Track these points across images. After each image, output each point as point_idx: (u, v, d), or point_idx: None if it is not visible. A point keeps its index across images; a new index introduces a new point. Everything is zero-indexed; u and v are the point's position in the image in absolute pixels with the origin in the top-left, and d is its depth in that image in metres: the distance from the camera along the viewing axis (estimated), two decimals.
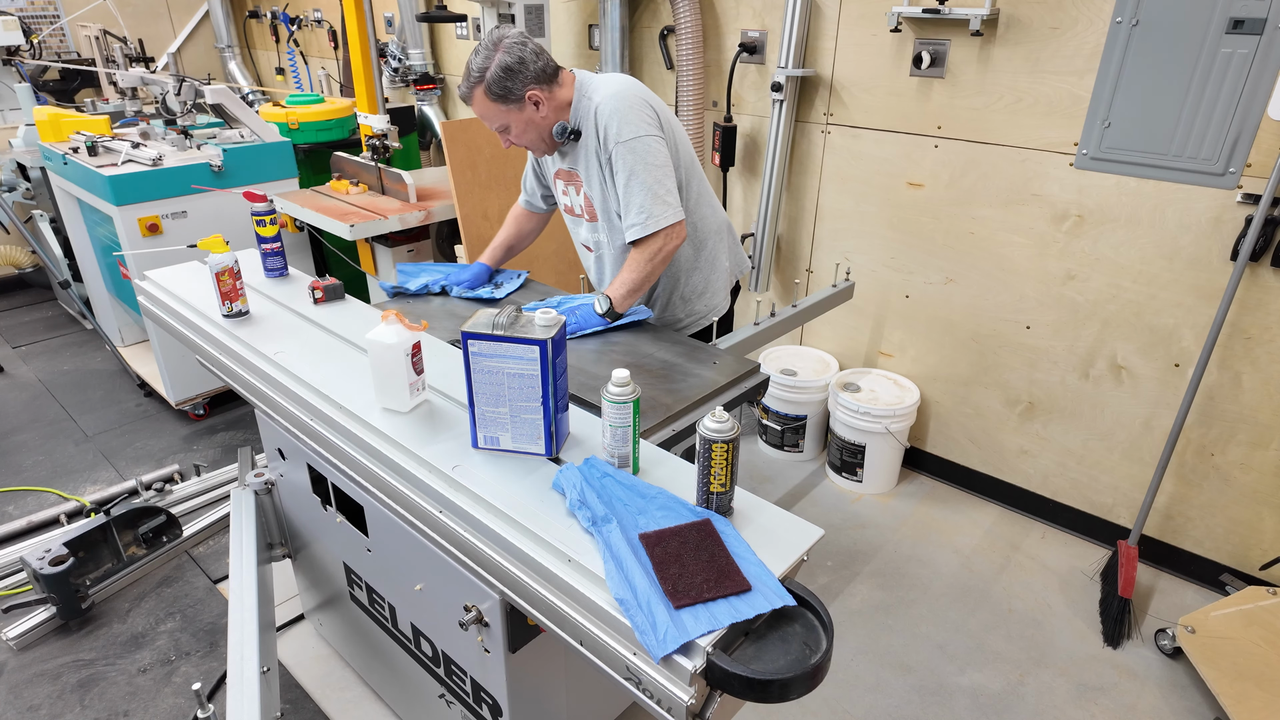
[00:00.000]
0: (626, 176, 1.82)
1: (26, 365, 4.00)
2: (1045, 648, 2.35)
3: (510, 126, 1.85)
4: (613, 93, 1.82)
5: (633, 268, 1.90)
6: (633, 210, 1.84)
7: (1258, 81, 2.07)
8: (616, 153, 1.81)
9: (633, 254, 1.90)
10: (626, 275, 1.91)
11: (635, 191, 1.82)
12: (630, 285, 1.90)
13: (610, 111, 1.80)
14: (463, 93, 1.81)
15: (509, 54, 1.74)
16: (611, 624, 1.05)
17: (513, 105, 1.80)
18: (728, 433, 1.13)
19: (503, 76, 1.75)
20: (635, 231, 1.85)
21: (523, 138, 1.88)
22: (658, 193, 1.82)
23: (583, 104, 1.86)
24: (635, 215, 1.84)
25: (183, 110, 3.70)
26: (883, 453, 2.98)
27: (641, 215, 1.83)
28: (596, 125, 1.83)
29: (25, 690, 2.17)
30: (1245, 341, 2.29)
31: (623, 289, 1.91)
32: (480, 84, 1.77)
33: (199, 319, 1.87)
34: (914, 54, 2.63)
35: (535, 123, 1.85)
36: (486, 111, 1.82)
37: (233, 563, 1.77)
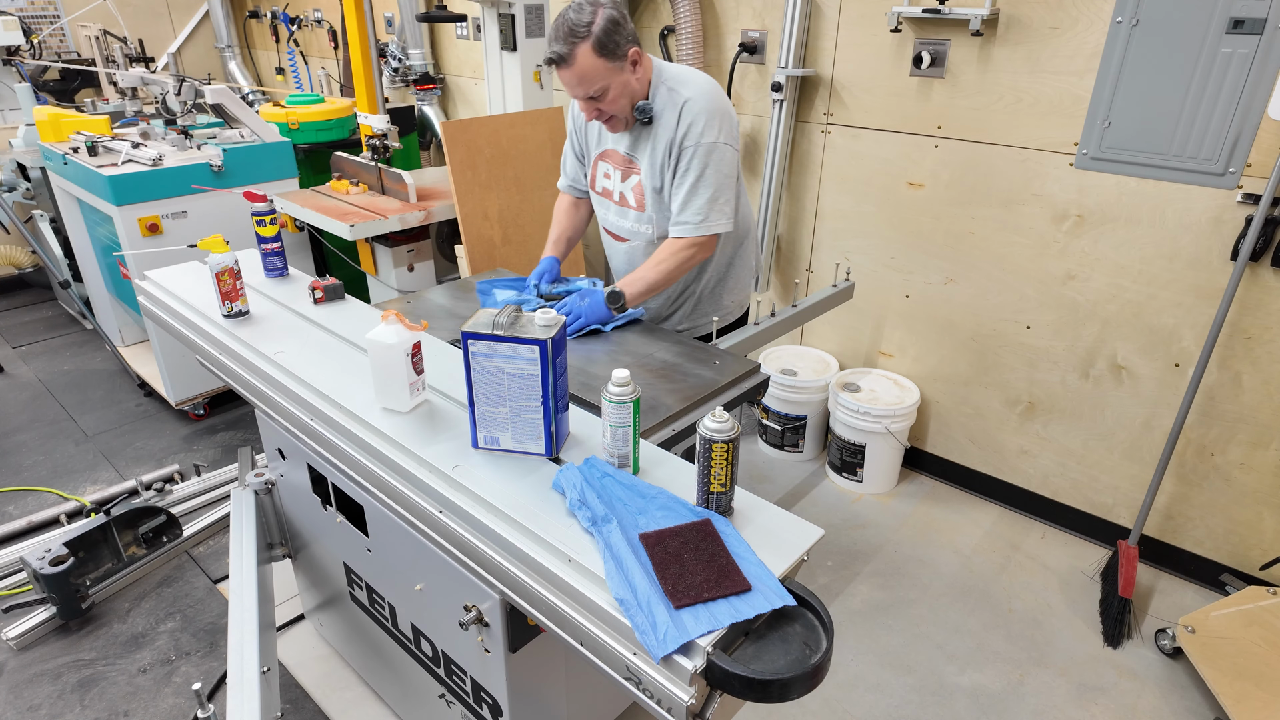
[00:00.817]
0: (696, 176, 1.82)
1: (26, 365, 4.00)
2: (1045, 648, 2.35)
3: (609, 90, 1.77)
4: (705, 91, 1.82)
5: (657, 268, 1.88)
6: (690, 209, 1.84)
7: (1258, 81, 2.07)
8: (696, 150, 1.80)
9: (663, 254, 1.89)
10: (648, 274, 1.89)
11: (700, 193, 1.83)
12: (649, 284, 1.89)
13: (702, 109, 1.79)
14: (560, 52, 1.71)
15: (610, 8, 1.69)
16: (611, 624, 1.05)
17: (616, 63, 1.74)
18: (728, 433, 1.13)
19: (611, 29, 1.69)
20: (685, 230, 1.85)
21: (615, 105, 1.80)
22: (718, 202, 1.84)
23: (661, 91, 1.84)
24: (690, 215, 1.84)
25: (183, 110, 3.71)
26: (883, 453, 2.98)
27: (696, 217, 1.84)
28: (681, 117, 1.81)
29: (25, 690, 2.17)
30: (1245, 341, 2.29)
31: (640, 285, 1.88)
32: (587, 38, 1.68)
33: (199, 319, 1.87)
34: (914, 54, 2.63)
35: (630, 87, 1.80)
36: (589, 70, 1.72)
37: (233, 563, 1.77)
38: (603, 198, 2.09)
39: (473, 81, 4.41)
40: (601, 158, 2.03)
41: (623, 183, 2.00)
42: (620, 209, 2.05)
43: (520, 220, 3.25)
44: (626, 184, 2.00)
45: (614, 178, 2.02)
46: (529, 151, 3.25)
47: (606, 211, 2.10)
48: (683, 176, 1.84)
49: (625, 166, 1.98)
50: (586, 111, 1.84)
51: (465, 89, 4.50)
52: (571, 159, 2.15)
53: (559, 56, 1.72)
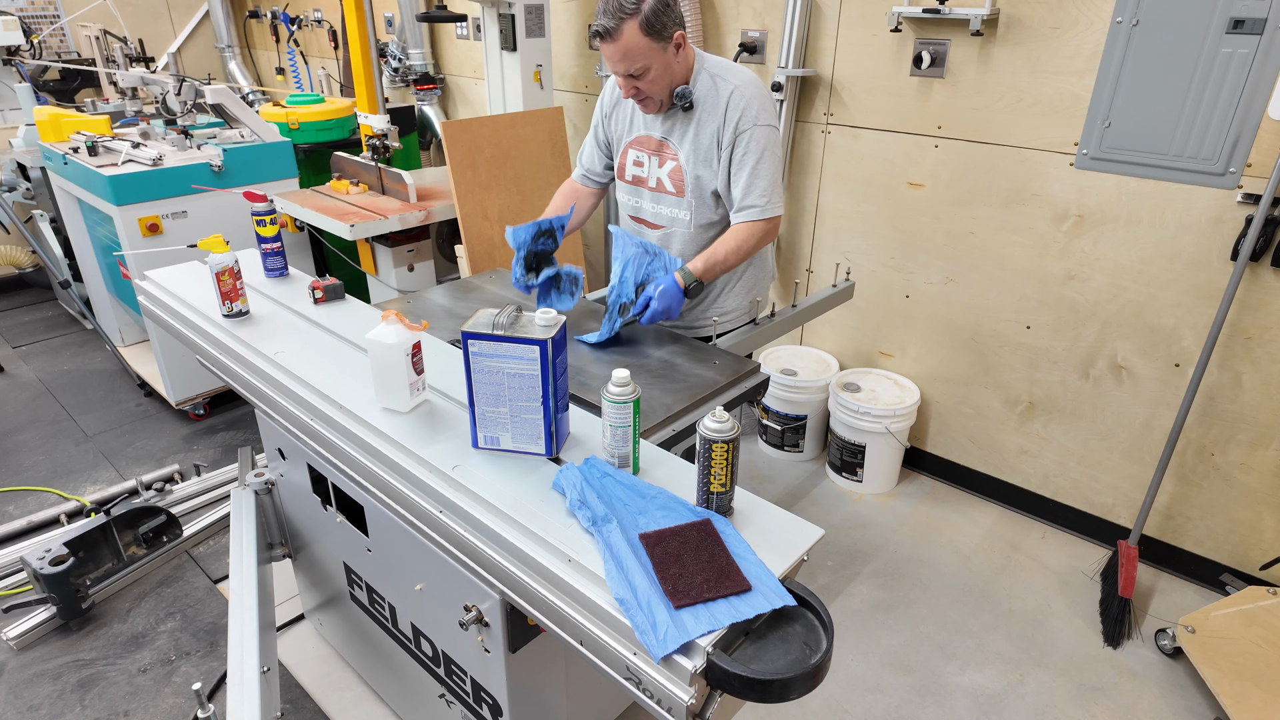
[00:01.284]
0: (756, 159, 1.84)
1: (27, 365, 4.00)
2: (1045, 648, 2.35)
3: (651, 69, 1.76)
4: (752, 79, 1.86)
5: (728, 249, 1.88)
6: (755, 192, 1.86)
7: (1258, 81, 2.07)
8: (754, 134, 1.83)
9: (733, 235, 1.89)
10: (720, 252, 1.88)
11: (762, 175, 1.85)
12: (720, 263, 1.89)
13: (753, 95, 1.83)
14: (606, 26, 1.70)
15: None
16: (612, 624, 1.05)
17: (661, 44, 1.73)
18: (728, 433, 1.13)
19: (660, 9, 1.70)
20: (753, 214, 1.88)
21: (654, 85, 1.80)
22: (777, 185, 1.89)
23: (703, 78, 1.85)
24: (757, 198, 1.87)
25: (183, 110, 3.71)
26: (883, 453, 2.98)
27: (763, 199, 1.87)
28: (730, 104, 1.82)
29: (25, 690, 2.17)
30: (1245, 341, 2.29)
31: (710, 261, 1.88)
32: (636, 15, 1.68)
33: (199, 319, 1.87)
34: (914, 54, 2.63)
35: (671, 70, 1.80)
36: (634, 47, 1.72)
37: (233, 562, 1.77)
38: (635, 186, 2.07)
39: (473, 81, 4.41)
40: (632, 145, 2.01)
41: (659, 168, 1.99)
42: (656, 195, 2.03)
43: (520, 220, 3.25)
44: (663, 170, 1.98)
45: (647, 164, 2.01)
46: (529, 151, 3.25)
47: (639, 200, 2.08)
48: (742, 161, 1.85)
49: (659, 151, 1.97)
50: (624, 88, 1.83)
51: (465, 89, 4.50)
52: (591, 149, 2.12)
53: (605, 30, 1.71)
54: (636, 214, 2.12)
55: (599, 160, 2.13)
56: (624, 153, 2.04)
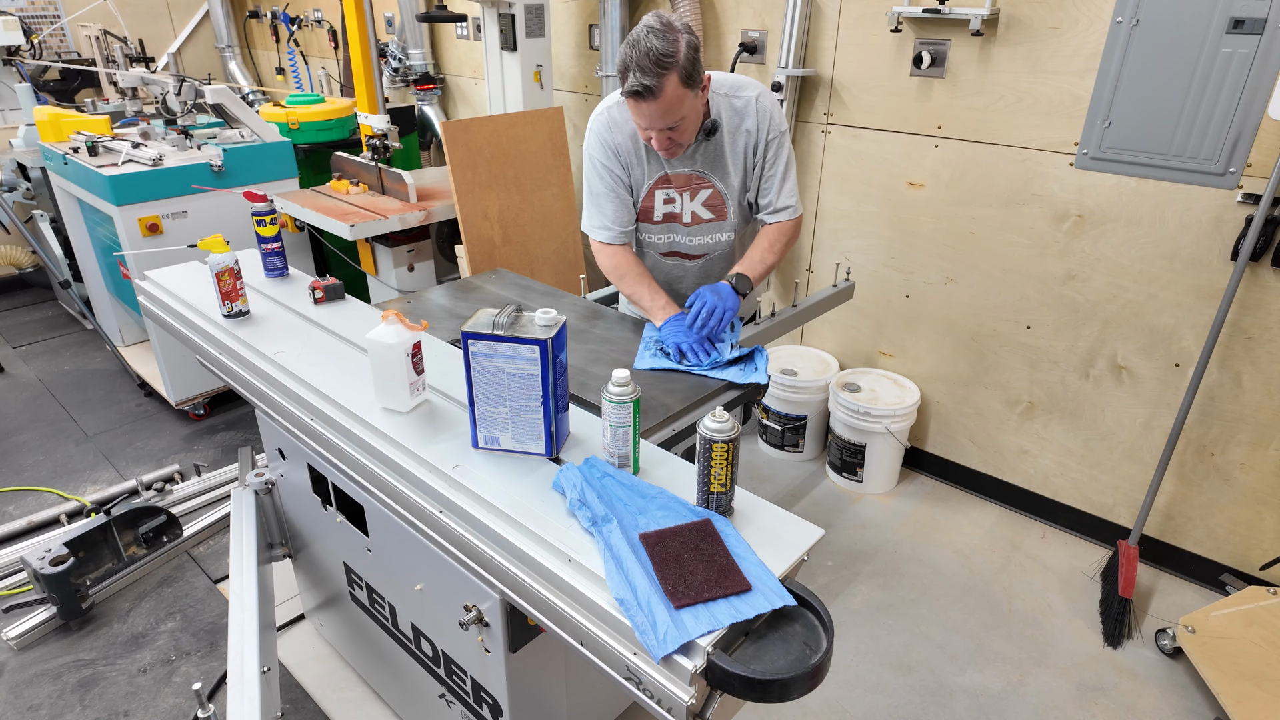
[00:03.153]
0: (785, 163, 1.92)
1: (27, 365, 4.00)
2: (1045, 648, 2.35)
3: (687, 118, 1.71)
4: (762, 87, 1.90)
5: (773, 249, 1.93)
6: (785, 194, 1.94)
7: (1258, 81, 2.07)
8: (781, 140, 1.89)
9: (773, 239, 1.94)
10: (768, 255, 1.92)
11: (790, 178, 1.94)
12: (768, 266, 1.93)
13: (772, 102, 1.88)
14: (647, 84, 1.59)
15: (690, 34, 1.63)
16: (612, 624, 1.05)
17: (694, 90, 1.68)
18: (728, 433, 1.13)
19: (694, 57, 1.64)
20: (789, 214, 1.95)
21: (688, 132, 1.76)
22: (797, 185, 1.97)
23: (716, 100, 1.85)
24: (789, 198, 1.94)
25: (183, 110, 3.70)
26: (883, 453, 2.98)
27: (793, 199, 1.96)
28: (758, 114, 1.86)
29: (26, 690, 2.17)
30: (1245, 341, 2.29)
31: (761, 267, 1.92)
32: (675, 68, 1.59)
33: (199, 319, 1.87)
34: (914, 54, 2.63)
35: (699, 113, 1.77)
36: (676, 100, 1.64)
37: (233, 563, 1.77)
38: (667, 224, 2.01)
39: (473, 81, 4.41)
40: (658, 186, 1.94)
41: (692, 201, 1.96)
42: (692, 228, 2.00)
43: (520, 220, 3.25)
44: (696, 201, 1.96)
45: (679, 200, 1.96)
46: (529, 151, 3.25)
47: (673, 235, 2.03)
48: (773, 165, 1.91)
49: (689, 185, 1.94)
50: (659, 141, 1.75)
51: (465, 89, 4.50)
52: (616, 207, 1.93)
53: (646, 89, 1.60)
54: (671, 249, 2.07)
55: (627, 216, 1.97)
56: (649, 195, 1.96)
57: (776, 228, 1.96)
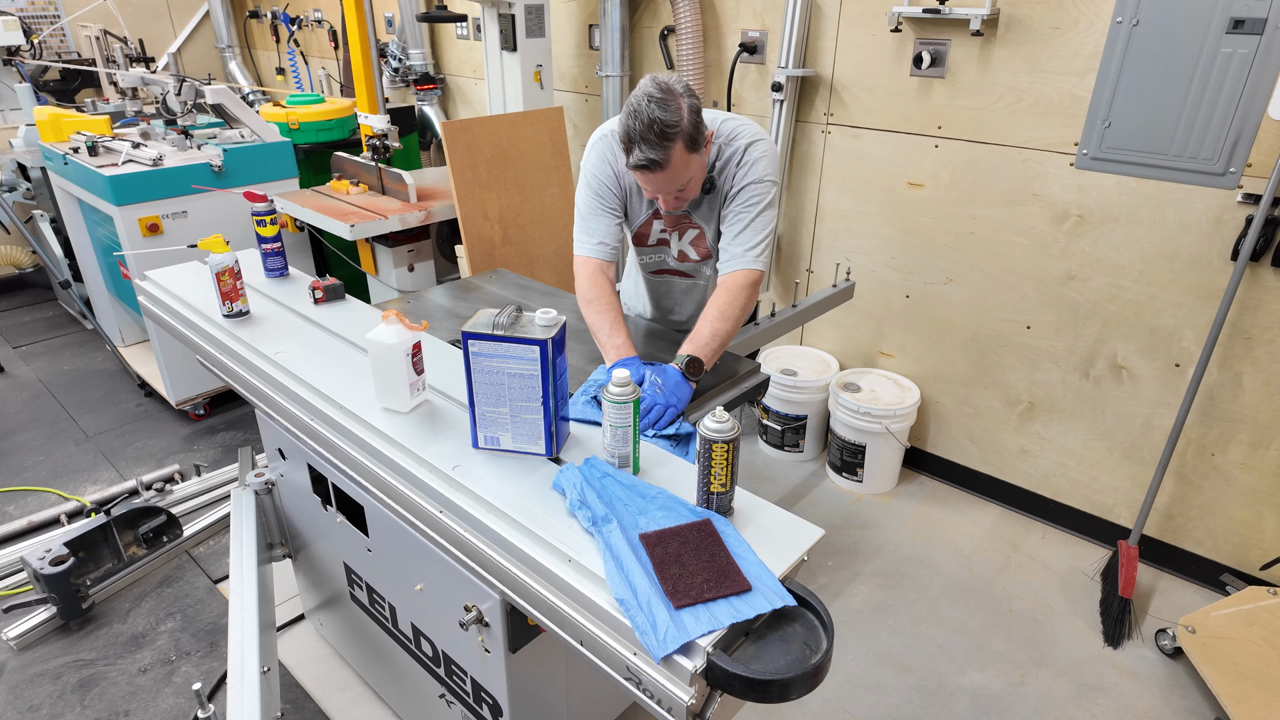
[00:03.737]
0: (758, 213, 1.76)
1: (27, 365, 4.00)
2: (1045, 648, 2.35)
3: (694, 177, 1.68)
4: (760, 133, 1.78)
5: (724, 317, 1.71)
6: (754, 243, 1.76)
7: (1258, 81, 2.07)
8: (760, 187, 1.75)
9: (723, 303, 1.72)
10: (719, 326, 1.69)
11: (762, 229, 1.76)
12: (722, 338, 1.70)
13: (765, 151, 1.76)
14: (654, 158, 1.56)
15: (690, 97, 1.58)
16: (612, 624, 1.05)
17: (699, 152, 1.64)
18: (728, 433, 1.13)
19: (697, 121, 1.59)
20: (747, 263, 1.75)
21: (694, 190, 1.72)
22: (769, 240, 1.79)
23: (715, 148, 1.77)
24: (756, 248, 1.76)
25: (183, 110, 3.71)
26: (883, 453, 2.98)
27: (759, 249, 1.76)
28: (746, 156, 1.75)
29: (26, 690, 2.17)
30: (1245, 341, 2.29)
31: (715, 343, 1.69)
32: (680, 136, 1.55)
33: (199, 319, 1.87)
34: (914, 54, 2.63)
35: (704, 168, 1.72)
36: (681, 166, 1.61)
37: (233, 563, 1.77)
38: (659, 247, 1.99)
39: (473, 81, 4.41)
40: (655, 216, 1.93)
41: (680, 240, 1.94)
42: (681, 262, 1.99)
43: (520, 220, 3.25)
44: (684, 240, 1.94)
45: (670, 235, 1.95)
46: (529, 152, 3.25)
47: (664, 257, 2.02)
48: (744, 210, 1.76)
49: (679, 225, 1.92)
50: (666, 202, 1.72)
51: (465, 89, 4.50)
52: (607, 223, 1.87)
53: (653, 162, 1.56)
54: (660, 268, 2.06)
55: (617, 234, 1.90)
56: (647, 223, 1.94)
57: (725, 287, 1.75)
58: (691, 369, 1.63)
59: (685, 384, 1.61)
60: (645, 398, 1.55)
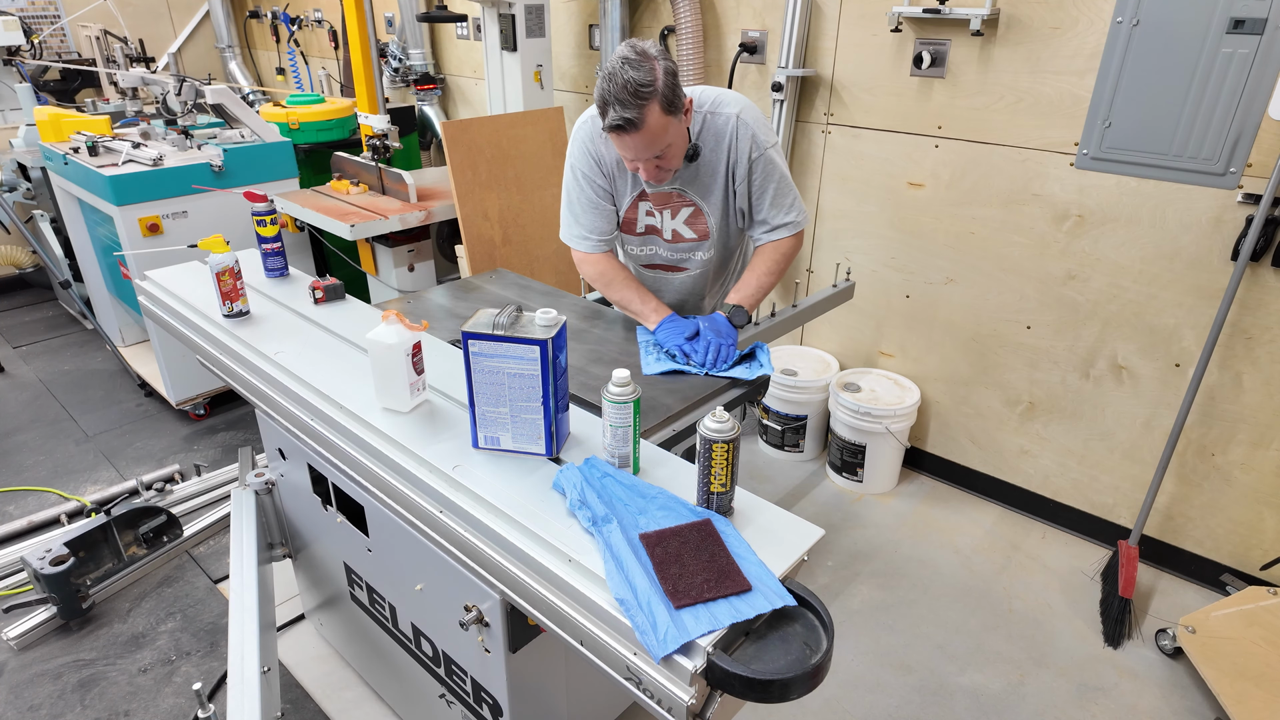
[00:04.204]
0: (779, 178, 1.85)
1: (27, 365, 4.00)
2: (1045, 648, 2.35)
3: (673, 144, 1.67)
4: (748, 104, 1.82)
5: (770, 271, 1.90)
6: (783, 210, 1.87)
7: (1258, 81, 2.07)
8: (767, 156, 1.82)
9: (769, 257, 1.89)
10: (765, 279, 1.89)
11: (787, 192, 1.87)
12: (765, 289, 1.89)
13: (755, 119, 1.80)
14: (629, 117, 1.55)
15: (666, 60, 1.59)
16: (612, 624, 1.05)
17: (677, 116, 1.63)
18: (728, 433, 1.13)
19: (674, 83, 1.59)
20: (789, 230, 1.89)
21: (675, 158, 1.72)
22: (798, 196, 1.89)
23: (699, 118, 1.79)
24: (788, 214, 1.88)
25: (183, 110, 3.71)
26: (883, 453, 2.98)
27: (793, 214, 1.89)
28: (739, 132, 1.77)
29: (26, 690, 2.17)
30: (1246, 341, 2.29)
31: (758, 294, 1.89)
32: (655, 97, 1.55)
33: (199, 319, 1.88)
34: (914, 54, 2.63)
35: (684, 136, 1.72)
36: (658, 129, 1.60)
37: (233, 562, 1.77)
38: (648, 235, 2.00)
39: (473, 81, 4.41)
40: (640, 199, 1.93)
41: (673, 219, 1.94)
42: (673, 244, 1.99)
43: (521, 220, 3.25)
44: (677, 220, 1.94)
45: (659, 216, 1.94)
46: (529, 151, 3.25)
47: (654, 248, 2.02)
48: (765, 182, 1.84)
49: (669, 203, 1.91)
50: (647, 171, 1.71)
51: (465, 89, 4.50)
52: (591, 213, 1.91)
53: (628, 122, 1.56)
54: (652, 261, 2.06)
55: (608, 225, 1.95)
56: (632, 207, 1.94)
57: (773, 246, 1.90)
58: (736, 316, 1.84)
59: (733, 329, 1.83)
60: (706, 341, 1.77)
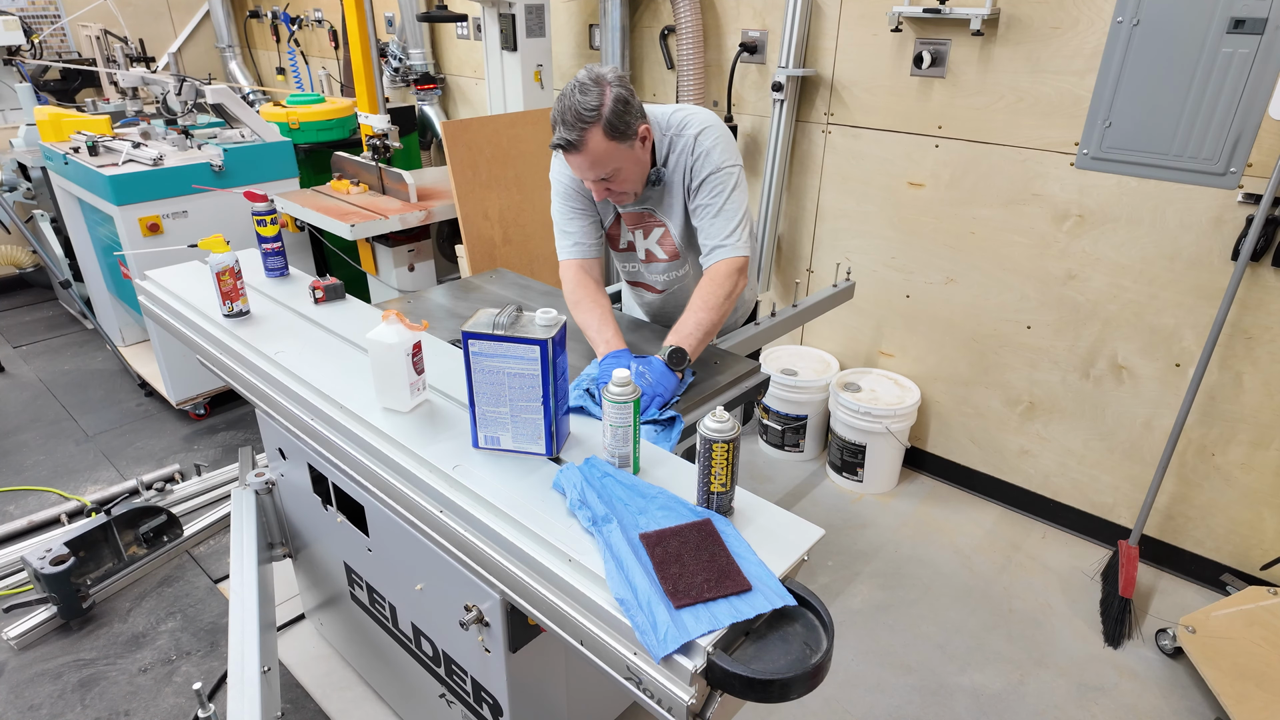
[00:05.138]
0: (725, 199, 1.76)
1: (27, 365, 4.00)
2: (1046, 648, 2.35)
3: (622, 169, 1.69)
4: (712, 121, 1.78)
5: (706, 305, 1.72)
6: (727, 231, 1.77)
7: (1258, 81, 2.07)
8: (719, 176, 1.75)
9: (704, 289, 1.75)
10: (702, 315, 1.71)
11: (731, 214, 1.77)
12: (706, 328, 1.72)
13: (715, 138, 1.76)
14: (571, 139, 1.61)
15: (620, 87, 1.61)
16: (612, 624, 1.05)
17: (627, 143, 1.66)
18: (728, 433, 1.13)
19: (621, 110, 1.61)
20: (727, 251, 1.76)
21: (627, 183, 1.73)
22: (745, 223, 1.79)
23: (665, 142, 1.78)
24: (731, 236, 1.77)
25: (183, 110, 3.70)
26: (883, 452, 2.98)
27: (736, 237, 1.77)
28: (696, 148, 1.76)
29: (26, 690, 2.17)
30: (1246, 341, 2.29)
31: (699, 333, 1.70)
32: (598, 122, 1.59)
33: (199, 319, 1.88)
34: (915, 54, 2.63)
35: (642, 163, 1.73)
36: (603, 153, 1.64)
37: (233, 562, 1.77)
38: (628, 253, 2.00)
39: (473, 81, 4.41)
40: (622, 221, 1.95)
41: (645, 240, 1.94)
42: (649, 264, 1.99)
43: (521, 220, 3.25)
44: (650, 240, 1.93)
45: (637, 236, 1.95)
46: (529, 151, 3.25)
47: (635, 266, 2.02)
48: (712, 199, 1.77)
49: (642, 223, 1.92)
50: (596, 191, 1.74)
51: (466, 89, 4.50)
52: (581, 224, 1.92)
53: (568, 143, 1.62)
54: (635, 279, 2.06)
55: (594, 231, 1.94)
56: (616, 223, 1.96)
57: (709, 276, 1.77)
58: (674, 359, 1.66)
59: (670, 374, 1.64)
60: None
